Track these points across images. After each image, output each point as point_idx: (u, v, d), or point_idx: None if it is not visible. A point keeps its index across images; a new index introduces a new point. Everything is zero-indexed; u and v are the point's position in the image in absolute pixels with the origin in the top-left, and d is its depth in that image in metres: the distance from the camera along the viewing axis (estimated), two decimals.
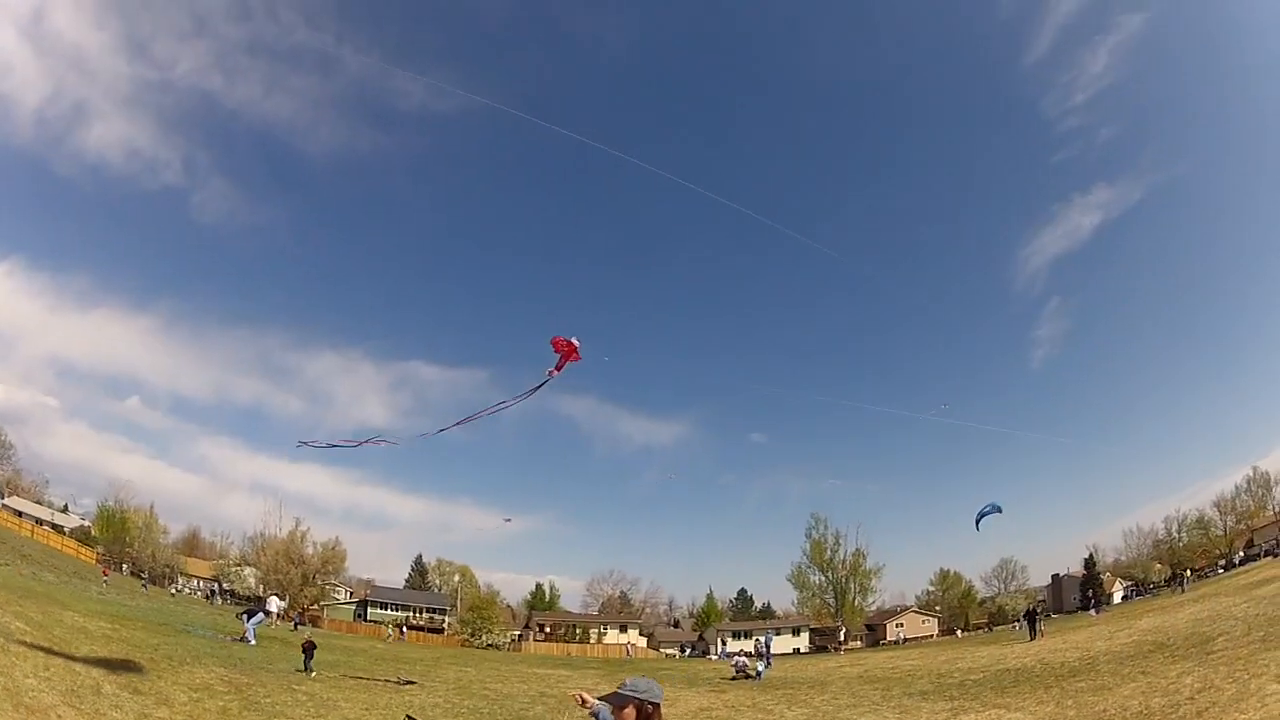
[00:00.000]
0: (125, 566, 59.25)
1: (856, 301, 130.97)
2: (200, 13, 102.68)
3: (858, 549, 65.11)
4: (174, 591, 56.34)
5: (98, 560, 55.16)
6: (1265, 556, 51.80)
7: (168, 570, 63.87)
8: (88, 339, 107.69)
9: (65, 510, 74.58)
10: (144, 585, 50.82)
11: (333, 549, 61.15)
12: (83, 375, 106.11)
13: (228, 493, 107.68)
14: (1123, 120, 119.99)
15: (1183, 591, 47.17)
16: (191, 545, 79.57)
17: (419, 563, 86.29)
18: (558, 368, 10.40)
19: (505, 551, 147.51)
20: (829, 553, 65.63)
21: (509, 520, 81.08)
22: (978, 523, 28.29)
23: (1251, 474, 69.90)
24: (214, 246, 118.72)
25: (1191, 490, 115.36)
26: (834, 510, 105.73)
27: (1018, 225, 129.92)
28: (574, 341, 10.25)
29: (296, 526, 59.85)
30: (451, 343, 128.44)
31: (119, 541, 61.74)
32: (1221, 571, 56.25)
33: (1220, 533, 67.89)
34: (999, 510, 28.30)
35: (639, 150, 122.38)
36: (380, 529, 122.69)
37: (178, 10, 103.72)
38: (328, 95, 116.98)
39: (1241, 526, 66.73)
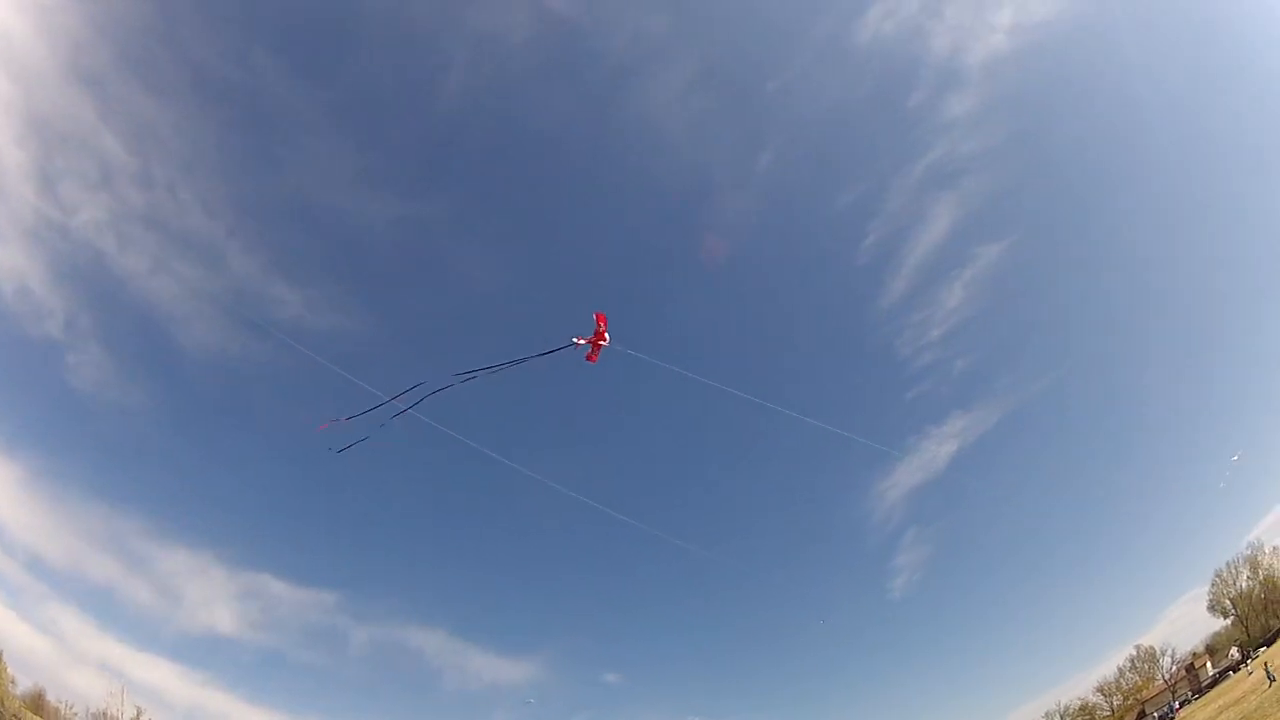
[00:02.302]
0: None
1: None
2: (108, 165, 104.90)
3: None
4: None
5: None
6: None
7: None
8: None
9: None
10: None
11: None
12: None
13: (75, 664, 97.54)
14: (978, 350, 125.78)
15: None
16: (37, 704, 73.40)
17: None
18: (589, 343, 12.18)
19: None
20: None
21: None
22: None
23: (1135, 651, 74.10)
24: (83, 414, 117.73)
25: (1070, 683, 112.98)
26: None
27: (874, 463, 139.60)
28: (606, 336, 12.20)
29: (139, 715, 60.23)
30: (303, 561, 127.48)
31: None
32: None
33: (1107, 713, 70.31)
34: None
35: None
36: None
37: (89, 157, 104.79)
38: (209, 289, 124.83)
39: (1130, 702, 69.63)
